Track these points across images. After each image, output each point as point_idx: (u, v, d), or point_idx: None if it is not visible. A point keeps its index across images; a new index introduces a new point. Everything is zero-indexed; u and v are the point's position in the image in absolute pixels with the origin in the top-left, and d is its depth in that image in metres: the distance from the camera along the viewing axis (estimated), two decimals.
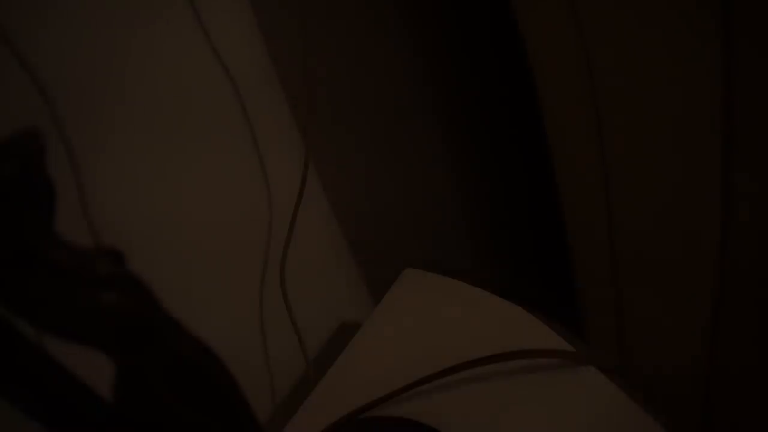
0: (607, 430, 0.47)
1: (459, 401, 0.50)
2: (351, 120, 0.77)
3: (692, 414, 0.71)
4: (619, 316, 0.74)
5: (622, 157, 0.63)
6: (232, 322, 0.66)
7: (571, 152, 0.67)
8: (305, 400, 0.58)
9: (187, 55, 0.61)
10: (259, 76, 0.68)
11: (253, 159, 0.67)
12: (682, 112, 0.57)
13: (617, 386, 0.49)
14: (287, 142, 0.70)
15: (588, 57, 0.58)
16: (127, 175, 0.57)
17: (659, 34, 0.54)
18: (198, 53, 0.61)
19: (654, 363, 0.73)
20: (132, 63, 0.57)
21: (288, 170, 0.69)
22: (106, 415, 0.24)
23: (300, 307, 0.70)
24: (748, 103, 0.53)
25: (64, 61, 0.52)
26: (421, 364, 0.52)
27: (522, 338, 0.52)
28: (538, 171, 0.76)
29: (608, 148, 0.62)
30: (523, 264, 0.97)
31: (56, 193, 0.23)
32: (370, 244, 0.81)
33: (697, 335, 0.67)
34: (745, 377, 0.67)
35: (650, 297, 0.71)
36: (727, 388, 0.68)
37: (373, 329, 0.61)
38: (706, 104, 0.54)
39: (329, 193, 0.76)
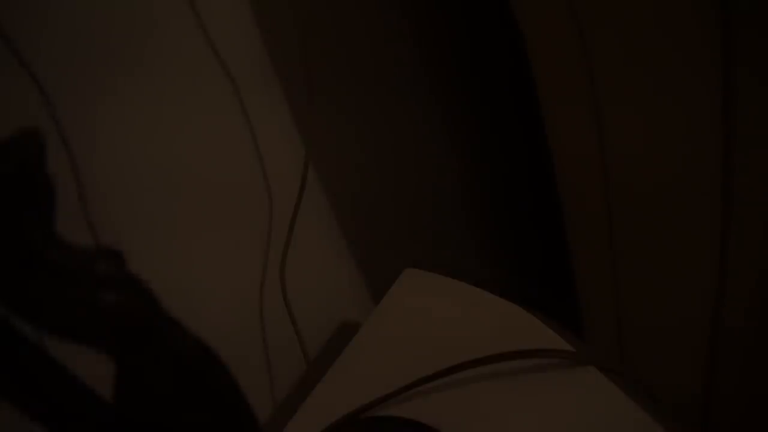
0: (607, 430, 0.47)
1: (459, 401, 0.50)
2: (351, 120, 0.77)
3: (692, 414, 0.71)
4: (619, 316, 0.74)
5: (622, 157, 0.63)
6: (232, 322, 0.66)
7: (571, 152, 0.67)
8: (305, 400, 0.58)
9: (187, 55, 0.61)
10: (259, 76, 0.68)
11: (253, 159, 0.67)
12: (683, 111, 0.57)
13: (617, 386, 0.49)
14: (287, 142, 0.70)
15: (587, 56, 0.58)
16: (127, 174, 0.57)
17: (659, 33, 0.54)
18: (198, 53, 0.61)
19: (654, 363, 0.73)
20: (131, 63, 0.57)
21: (288, 170, 0.69)
22: (106, 415, 0.24)
23: (300, 307, 0.70)
24: (749, 103, 0.53)
25: (64, 61, 0.52)
26: (421, 364, 0.52)
27: (522, 338, 0.52)
28: (538, 172, 0.76)
29: (608, 148, 0.62)
30: (523, 264, 0.97)
31: (56, 193, 0.23)
32: (370, 244, 0.81)
33: (697, 335, 0.67)
34: (745, 377, 0.67)
35: (650, 297, 0.71)
36: (727, 388, 0.68)
37: (373, 329, 0.61)
38: (707, 103, 0.54)
39: (329, 193, 0.76)
